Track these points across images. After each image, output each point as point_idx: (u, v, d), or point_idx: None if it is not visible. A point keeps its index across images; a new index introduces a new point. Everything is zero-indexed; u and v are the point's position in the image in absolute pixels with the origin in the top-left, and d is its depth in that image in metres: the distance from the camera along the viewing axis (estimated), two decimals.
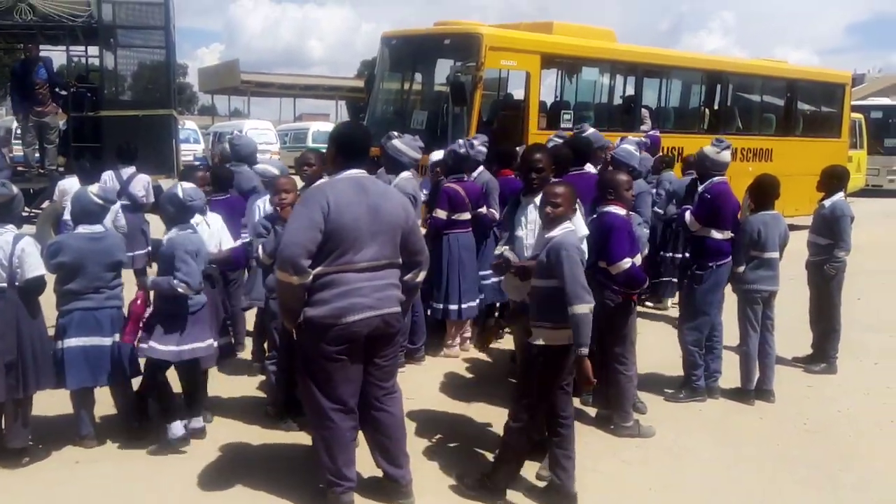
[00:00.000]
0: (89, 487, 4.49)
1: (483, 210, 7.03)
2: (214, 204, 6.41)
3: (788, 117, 16.58)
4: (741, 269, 6.08)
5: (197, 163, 30.65)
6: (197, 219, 5.22)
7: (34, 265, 4.59)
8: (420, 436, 5.25)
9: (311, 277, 3.89)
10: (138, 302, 4.90)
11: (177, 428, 4.91)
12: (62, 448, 4.93)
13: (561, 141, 6.99)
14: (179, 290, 4.70)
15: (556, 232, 4.27)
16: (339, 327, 3.94)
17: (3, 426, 4.75)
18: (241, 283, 6.70)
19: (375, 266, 4.02)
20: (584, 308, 4.10)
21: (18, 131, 22.59)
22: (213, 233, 5.49)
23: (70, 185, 7.05)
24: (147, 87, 12.72)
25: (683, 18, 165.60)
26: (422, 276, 4.37)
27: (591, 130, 7.35)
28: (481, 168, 7.26)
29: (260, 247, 5.19)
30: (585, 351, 4.14)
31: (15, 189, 4.79)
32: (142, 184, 7.74)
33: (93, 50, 12.87)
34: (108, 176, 8.02)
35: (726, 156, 6.15)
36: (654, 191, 8.44)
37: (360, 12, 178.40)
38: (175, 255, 4.75)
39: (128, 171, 7.74)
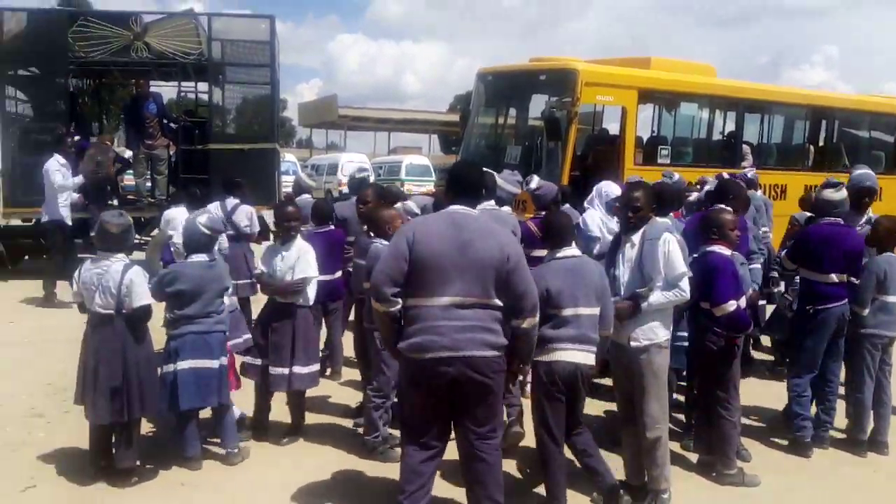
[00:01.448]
0: None
1: None
2: (314, 236, 6.59)
3: None
4: (865, 311, 5.80)
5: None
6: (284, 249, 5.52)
7: (141, 294, 4.79)
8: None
9: (396, 307, 3.92)
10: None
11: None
12: (170, 468, 5.10)
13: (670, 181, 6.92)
14: None
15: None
16: (418, 363, 3.90)
17: (114, 448, 4.94)
18: (341, 313, 6.84)
19: (460, 304, 3.84)
20: None
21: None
22: (288, 262, 5.60)
23: (174, 214, 7.35)
24: (252, 121, 13.25)
25: (784, 52, 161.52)
26: (529, 322, 3.92)
27: (677, 177, 7.30)
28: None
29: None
30: None
31: (130, 219, 5.03)
32: (245, 214, 8.00)
33: (202, 86, 13.50)
34: (213, 206, 8.33)
35: (840, 195, 5.91)
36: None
37: (454, 48, 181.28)
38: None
39: (232, 201, 8.02)
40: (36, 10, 13.57)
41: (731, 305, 4.91)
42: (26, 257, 12.17)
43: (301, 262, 5.56)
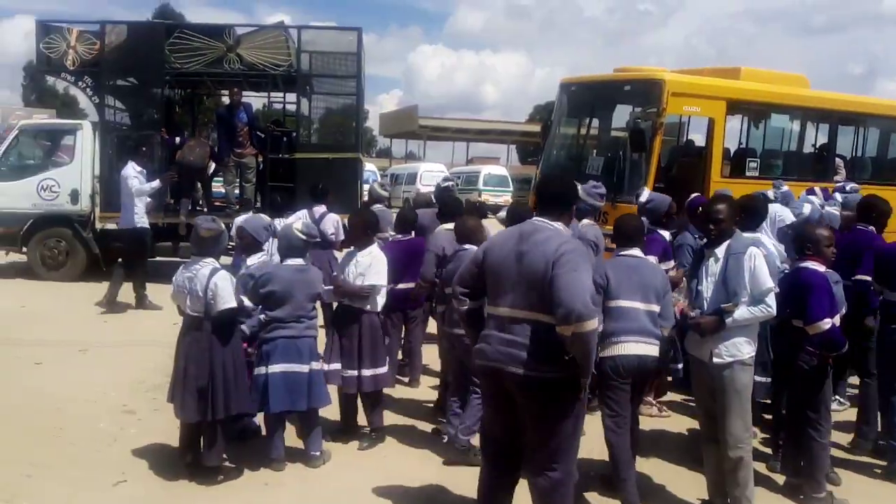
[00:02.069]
0: None
1: None
2: (396, 244, 6.68)
3: None
4: None
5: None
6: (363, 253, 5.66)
7: (226, 298, 4.89)
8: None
9: (465, 306, 4.08)
10: None
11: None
12: (257, 469, 5.21)
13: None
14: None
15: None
16: (477, 367, 4.06)
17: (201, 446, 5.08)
18: (421, 321, 6.90)
19: (513, 317, 3.81)
20: None
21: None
22: (360, 268, 5.66)
23: (242, 221, 7.54)
24: (337, 131, 13.48)
25: (879, 62, 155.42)
26: (572, 329, 3.58)
27: (785, 188, 7.07)
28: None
29: None
30: None
31: (222, 225, 5.19)
32: (332, 222, 8.15)
33: (289, 96, 13.80)
34: (301, 214, 8.52)
35: None
36: None
37: (534, 58, 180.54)
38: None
39: (319, 209, 8.18)
40: (136, 22, 14.15)
41: (826, 324, 4.74)
42: (120, 260, 12.67)
43: (372, 269, 5.62)
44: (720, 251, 4.62)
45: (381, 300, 5.72)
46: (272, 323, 5.20)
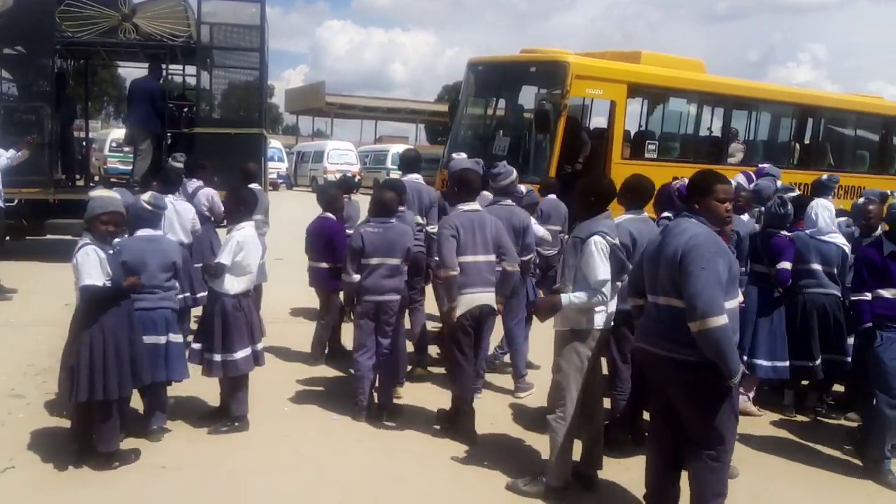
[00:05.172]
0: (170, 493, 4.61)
1: None
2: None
3: (883, 155, 16.02)
4: None
5: (280, 181, 31.55)
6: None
7: (82, 274, 4.61)
8: None
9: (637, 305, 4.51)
10: None
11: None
12: (154, 453, 5.06)
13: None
14: None
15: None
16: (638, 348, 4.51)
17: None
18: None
19: (660, 304, 4.16)
20: None
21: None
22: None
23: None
24: (239, 106, 13.12)
25: (772, 50, 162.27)
26: (697, 326, 3.80)
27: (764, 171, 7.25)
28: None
29: None
30: None
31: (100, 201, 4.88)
32: (205, 196, 7.90)
33: (189, 69, 13.36)
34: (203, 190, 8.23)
35: None
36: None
37: (443, 38, 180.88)
38: None
39: (193, 184, 7.90)
40: None
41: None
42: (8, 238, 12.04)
43: (226, 247, 5.43)
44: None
45: (235, 283, 5.40)
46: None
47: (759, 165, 7.64)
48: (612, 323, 4.77)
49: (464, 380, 5.57)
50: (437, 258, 5.70)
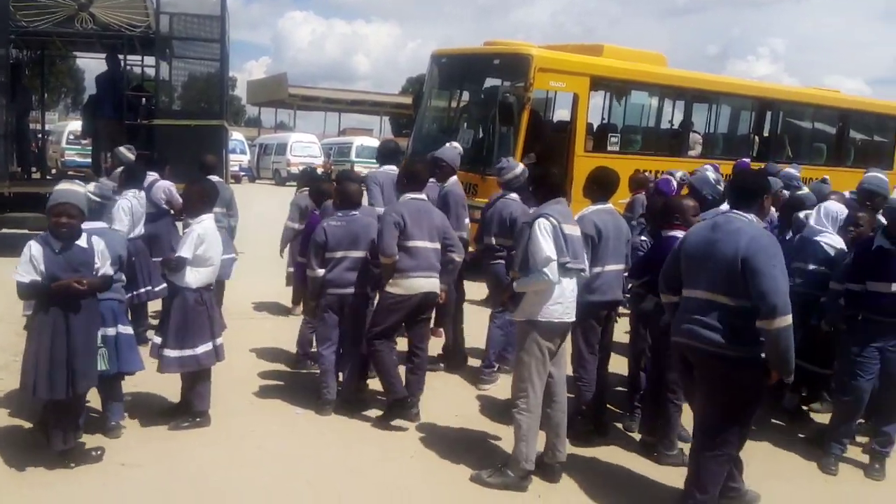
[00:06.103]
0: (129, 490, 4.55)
1: None
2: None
3: (840, 147, 16.33)
4: None
5: (242, 174, 31.21)
6: None
7: (18, 269, 4.49)
8: None
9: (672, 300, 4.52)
10: None
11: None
12: (115, 450, 4.96)
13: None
14: None
15: None
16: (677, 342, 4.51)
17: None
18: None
19: (705, 299, 4.19)
20: None
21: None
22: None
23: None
24: (199, 97, 12.94)
25: (732, 44, 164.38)
26: (775, 324, 3.91)
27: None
28: None
29: None
30: None
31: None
32: (161, 189, 7.80)
33: (148, 60, 13.13)
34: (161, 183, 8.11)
35: None
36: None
37: (406, 30, 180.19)
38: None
39: (149, 177, 7.75)
40: None
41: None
42: None
43: (185, 240, 5.35)
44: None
45: (196, 276, 5.32)
46: None
47: (745, 161, 7.73)
48: (576, 315, 4.79)
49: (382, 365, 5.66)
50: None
